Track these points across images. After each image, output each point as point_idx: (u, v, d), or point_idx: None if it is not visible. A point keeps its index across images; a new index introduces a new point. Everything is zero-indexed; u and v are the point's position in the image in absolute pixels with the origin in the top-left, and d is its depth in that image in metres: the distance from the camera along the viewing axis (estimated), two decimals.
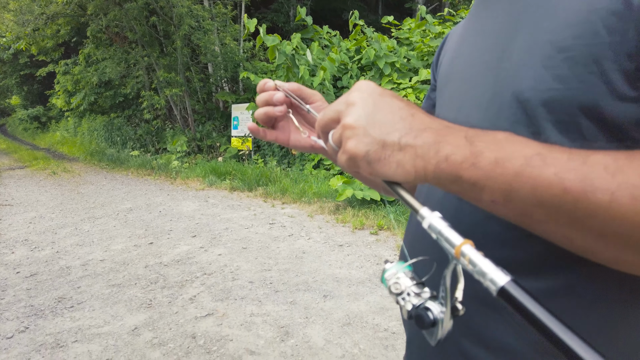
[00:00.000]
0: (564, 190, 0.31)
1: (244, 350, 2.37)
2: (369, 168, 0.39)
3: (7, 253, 4.03)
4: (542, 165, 0.33)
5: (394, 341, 2.44)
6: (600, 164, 0.31)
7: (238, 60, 10.52)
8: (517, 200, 0.34)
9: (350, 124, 0.39)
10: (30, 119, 22.13)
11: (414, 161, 0.37)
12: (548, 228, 0.34)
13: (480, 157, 0.34)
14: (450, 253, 0.33)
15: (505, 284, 0.29)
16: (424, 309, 0.36)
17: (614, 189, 0.30)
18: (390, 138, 0.37)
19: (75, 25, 12.40)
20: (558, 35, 0.40)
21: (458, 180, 0.35)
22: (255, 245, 4.20)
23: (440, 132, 0.37)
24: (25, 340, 2.46)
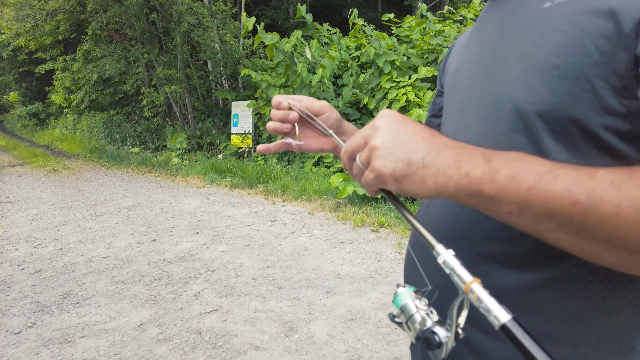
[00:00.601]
0: (574, 203, 0.35)
1: (249, 345, 2.41)
2: (396, 184, 0.43)
3: (11, 250, 4.06)
4: (554, 180, 0.36)
5: (396, 336, 2.49)
6: (606, 179, 0.35)
7: (238, 58, 10.53)
8: (531, 213, 0.37)
9: (377, 145, 0.43)
10: (29, 115, 22.06)
11: (435, 177, 0.41)
12: (559, 237, 0.38)
13: (497, 173, 0.38)
14: (460, 288, 0.38)
15: (506, 322, 0.34)
16: (431, 333, 0.41)
17: (619, 201, 0.34)
18: (414, 156, 0.42)
19: (75, 22, 12.37)
20: (553, 54, 0.44)
21: (477, 195, 0.39)
22: (257, 242, 4.24)
23: (459, 150, 0.41)
24: (33, 336, 2.50)
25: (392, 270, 3.48)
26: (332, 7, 15.21)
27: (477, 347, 0.53)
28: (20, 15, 10.21)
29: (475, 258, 0.52)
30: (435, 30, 7.40)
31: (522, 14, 0.50)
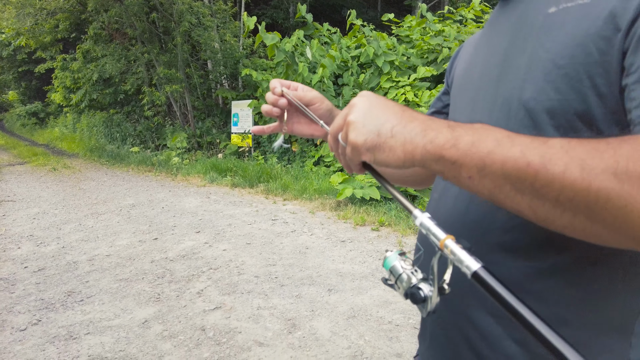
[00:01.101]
0: (527, 164, 0.38)
1: (253, 341, 2.44)
2: (369, 154, 0.47)
3: (14, 248, 4.08)
4: (511, 145, 0.39)
5: (397, 333, 2.52)
6: (558, 144, 0.38)
7: (238, 57, 10.54)
8: (490, 175, 0.40)
9: (351, 120, 0.48)
10: (28, 114, 22.03)
11: (403, 146, 0.44)
12: (515, 200, 0.40)
13: (459, 139, 0.41)
14: (436, 245, 0.41)
15: (477, 269, 0.37)
16: (417, 289, 0.45)
17: (566, 161, 0.36)
18: (384, 128, 0.46)
19: (74, 21, 12.36)
20: (558, 55, 0.48)
21: (441, 160, 0.42)
22: (258, 240, 4.27)
23: (426, 122, 0.45)
24: (39, 333, 2.52)
25: None
26: (332, 6, 15.23)
27: (485, 330, 0.56)
28: (21, 14, 10.21)
29: (485, 248, 0.55)
30: (435, 30, 7.43)
31: (530, 18, 0.54)
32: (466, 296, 0.58)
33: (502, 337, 0.54)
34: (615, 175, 0.34)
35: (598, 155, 0.35)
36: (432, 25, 7.50)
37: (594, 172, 0.35)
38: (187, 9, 9.60)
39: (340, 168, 7.15)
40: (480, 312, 0.56)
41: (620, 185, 0.33)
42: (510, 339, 0.53)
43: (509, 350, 0.53)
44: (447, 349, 0.62)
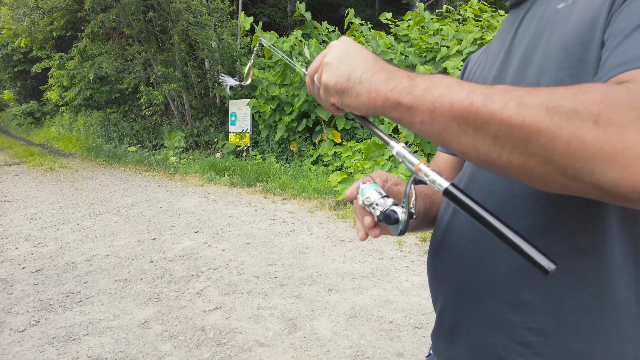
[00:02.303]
0: (470, 104, 0.39)
1: (254, 342, 2.43)
2: (338, 97, 0.50)
3: (11, 249, 4.05)
4: (459, 89, 0.41)
5: (399, 333, 2.51)
6: (500, 87, 0.40)
7: (235, 56, 10.51)
8: (439, 118, 0.42)
9: (326, 61, 0.52)
10: (24, 114, 21.90)
11: (368, 93, 0.47)
12: (460, 140, 0.42)
13: (415, 87, 0.44)
14: (411, 169, 0.46)
15: (447, 186, 0.42)
16: (392, 211, 0.51)
17: (506, 99, 0.38)
18: (354, 74, 0.49)
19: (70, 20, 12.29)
20: (568, 42, 0.49)
21: (398, 106, 0.45)
22: (258, 240, 4.25)
23: (392, 72, 0.47)
24: (38, 334, 2.50)
25: (394, 267, 3.51)
26: (330, 5, 15.21)
27: (501, 320, 0.56)
28: (17, 14, 10.13)
29: None
30: (434, 30, 7.43)
31: (542, 16, 0.56)
32: (483, 288, 0.58)
33: (518, 326, 0.54)
34: (547, 110, 0.36)
35: (534, 93, 0.37)
36: (430, 24, 7.49)
37: (529, 108, 0.37)
38: (184, 7, 9.56)
39: (339, 167, 7.14)
40: (498, 303, 0.56)
41: (549, 118, 0.35)
42: (527, 328, 0.54)
43: (525, 339, 0.54)
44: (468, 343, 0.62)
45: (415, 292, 3.04)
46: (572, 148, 0.34)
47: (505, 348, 0.56)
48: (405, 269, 3.47)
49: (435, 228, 0.73)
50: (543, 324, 0.52)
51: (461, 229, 0.63)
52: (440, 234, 0.68)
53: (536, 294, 0.52)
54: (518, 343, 0.54)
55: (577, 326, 0.51)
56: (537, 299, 0.52)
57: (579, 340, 0.51)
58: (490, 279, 0.57)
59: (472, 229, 0.60)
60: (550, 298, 0.52)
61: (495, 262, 0.56)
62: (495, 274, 0.56)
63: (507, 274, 0.55)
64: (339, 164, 7.13)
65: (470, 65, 0.79)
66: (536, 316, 0.53)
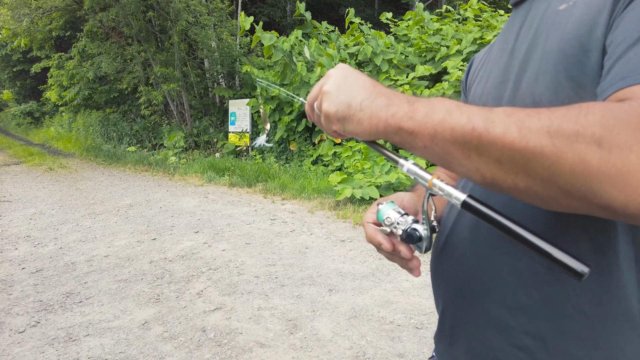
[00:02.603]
0: (472, 129, 0.40)
1: (254, 342, 2.43)
2: (340, 125, 0.51)
3: (11, 249, 4.04)
4: (459, 114, 0.41)
5: (399, 333, 2.51)
6: (501, 110, 0.40)
7: (235, 56, 10.50)
8: (441, 142, 0.42)
9: (325, 90, 0.52)
10: (23, 114, 21.87)
11: (370, 119, 0.47)
12: (463, 164, 0.42)
13: (416, 112, 0.44)
14: (425, 186, 0.45)
15: (465, 199, 0.42)
16: (413, 230, 0.51)
17: (507, 123, 0.38)
18: (354, 101, 0.49)
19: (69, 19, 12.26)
20: (567, 44, 0.49)
21: (400, 131, 0.45)
22: (258, 240, 4.25)
23: (391, 97, 0.47)
24: (38, 335, 2.50)
25: (394, 267, 3.51)
26: (329, 4, 15.20)
27: (500, 323, 0.56)
28: (17, 14, 10.11)
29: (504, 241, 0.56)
30: (434, 29, 7.42)
31: (542, 17, 0.56)
32: (483, 291, 0.58)
33: (517, 330, 0.54)
34: (549, 133, 0.36)
35: (535, 116, 0.38)
36: (430, 24, 7.49)
37: (531, 132, 0.37)
38: (184, 7, 9.54)
39: (339, 167, 7.14)
40: (497, 306, 0.56)
41: (552, 142, 0.35)
42: (525, 332, 0.53)
43: (524, 343, 0.54)
44: (466, 345, 0.62)
45: (415, 293, 3.04)
46: (577, 171, 0.35)
47: (504, 351, 0.56)
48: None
49: (439, 231, 0.73)
50: (542, 329, 0.52)
51: (463, 231, 0.63)
52: (444, 237, 0.68)
53: (536, 298, 0.52)
54: (517, 347, 0.54)
55: (577, 332, 0.50)
56: (537, 303, 0.52)
57: (579, 347, 0.50)
58: (490, 282, 0.57)
59: (474, 231, 0.60)
60: (550, 303, 0.51)
61: (495, 265, 0.56)
62: (495, 277, 0.56)
63: (507, 277, 0.55)
64: (339, 164, 7.13)
65: (475, 64, 0.79)
66: (535, 320, 0.52)
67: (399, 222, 0.52)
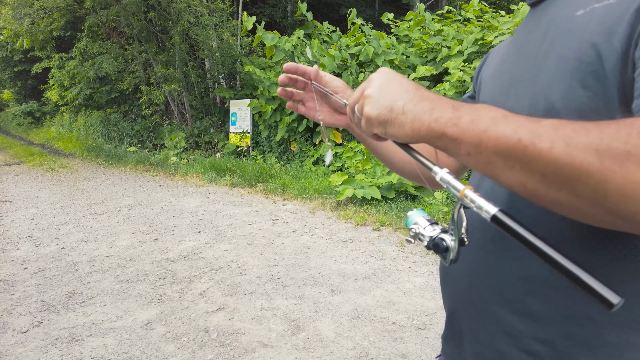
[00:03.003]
0: (517, 141, 0.39)
1: (257, 343, 2.43)
2: (381, 128, 0.51)
3: (13, 249, 4.04)
4: (505, 123, 0.41)
5: (402, 334, 2.51)
6: (548, 123, 0.39)
7: (236, 56, 10.50)
8: (485, 151, 0.42)
9: (367, 94, 0.52)
10: (24, 114, 21.87)
11: (412, 123, 0.47)
12: (507, 175, 0.42)
13: (460, 119, 0.44)
14: (456, 195, 0.44)
15: (495, 212, 0.40)
16: (440, 239, 0.49)
17: (554, 138, 0.38)
18: (396, 105, 0.49)
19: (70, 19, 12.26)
20: (585, 53, 0.48)
21: (443, 137, 0.45)
22: (259, 241, 4.25)
23: (435, 101, 0.47)
24: (41, 335, 2.50)
25: (396, 268, 3.51)
26: (330, 5, 15.20)
27: (509, 328, 0.56)
28: (18, 14, 10.11)
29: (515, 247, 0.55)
30: (434, 30, 7.43)
31: (559, 22, 0.55)
32: (492, 295, 0.58)
33: (527, 336, 0.54)
34: (597, 152, 0.35)
35: (584, 133, 0.37)
36: (431, 25, 7.50)
37: (578, 149, 0.36)
38: (185, 7, 9.54)
39: (340, 167, 7.14)
40: (506, 311, 0.56)
41: (600, 161, 0.35)
42: (535, 338, 0.53)
43: (533, 348, 0.54)
44: (474, 348, 0.62)
45: (417, 293, 3.04)
46: (626, 191, 0.34)
47: (512, 356, 0.56)
48: (407, 270, 3.47)
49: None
50: (552, 335, 0.52)
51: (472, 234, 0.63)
52: None
53: (545, 304, 0.52)
54: (526, 352, 0.54)
55: (587, 340, 0.50)
56: (547, 309, 0.52)
57: (589, 355, 0.50)
58: (499, 287, 0.57)
59: (484, 235, 0.60)
60: (560, 310, 0.51)
61: (505, 270, 0.56)
62: (505, 282, 0.56)
63: (516, 282, 0.55)
64: (340, 165, 7.14)
65: (489, 61, 0.78)
66: (545, 327, 0.53)
67: (426, 230, 0.51)
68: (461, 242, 0.48)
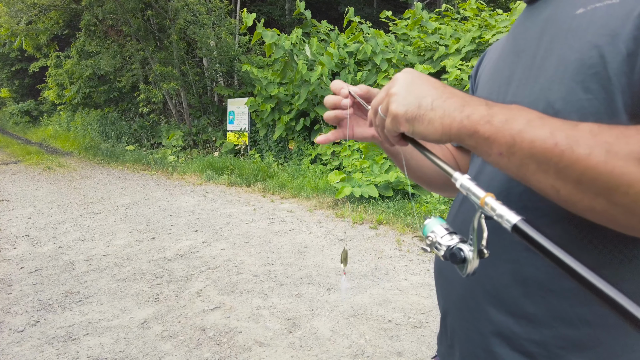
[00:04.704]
0: (554, 145, 0.39)
1: (254, 341, 2.43)
2: (408, 125, 0.49)
3: (9, 248, 4.04)
4: (541, 125, 0.40)
5: (398, 332, 2.52)
6: (586, 128, 0.39)
7: (234, 55, 10.49)
8: (518, 153, 0.41)
9: (393, 92, 0.51)
10: (21, 113, 21.82)
11: (442, 119, 0.46)
12: (540, 179, 0.41)
13: (494, 117, 0.43)
14: (476, 203, 0.42)
15: (517, 222, 0.37)
16: (458, 249, 0.46)
17: (592, 145, 0.37)
18: (424, 101, 0.48)
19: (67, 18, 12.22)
20: (586, 55, 0.47)
21: (475, 135, 0.44)
22: (257, 239, 4.25)
23: (465, 98, 0.46)
24: (37, 334, 2.50)
25: (392, 267, 3.52)
26: (328, 3, 15.17)
27: (503, 329, 0.56)
28: (13, 10, 10.07)
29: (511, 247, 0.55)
30: (432, 29, 7.43)
31: (558, 20, 0.54)
32: (486, 296, 0.58)
33: (521, 337, 0.54)
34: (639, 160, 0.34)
35: (624, 141, 0.36)
36: (428, 24, 7.49)
37: (618, 157, 0.35)
38: (182, 6, 9.53)
39: (338, 166, 7.15)
40: (500, 312, 0.56)
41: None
42: (529, 340, 0.54)
43: (528, 349, 0.54)
44: (467, 349, 0.62)
45: (414, 292, 3.05)
46: None
47: (506, 358, 0.56)
48: (404, 268, 3.48)
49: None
50: (546, 337, 0.52)
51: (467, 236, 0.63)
52: None
53: (540, 306, 0.52)
54: (519, 352, 0.54)
55: (582, 341, 0.50)
56: (541, 311, 0.52)
57: (584, 356, 0.50)
58: (494, 288, 0.57)
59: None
60: (554, 312, 0.51)
61: (499, 272, 0.56)
62: (499, 284, 0.56)
63: (511, 284, 0.55)
64: (338, 163, 7.14)
65: (486, 59, 0.76)
66: (540, 328, 0.53)
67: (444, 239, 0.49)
68: (480, 253, 0.45)
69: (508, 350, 0.55)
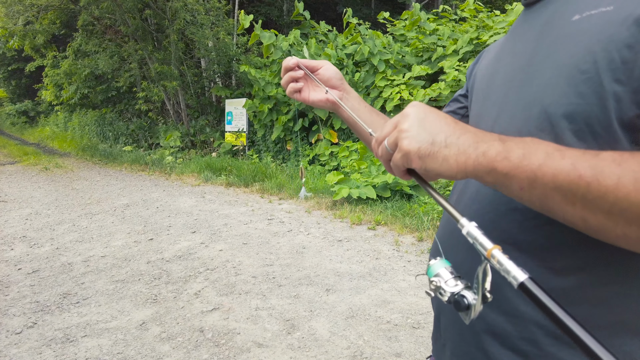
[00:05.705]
0: (578, 177, 0.39)
1: (252, 343, 2.43)
2: (421, 162, 0.48)
3: (7, 250, 4.03)
4: (561, 158, 0.40)
5: (396, 333, 2.53)
6: (609, 157, 0.39)
7: (232, 55, 10.48)
8: (540, 187, 0.41)
9: (405, 128, 0.50)
10: (18, 113, 21.74)
11: (456, 157, 0.46)
12: (566, 210, 0.41)
13: (511, 152, 0.43)
14: (483, 254, 0.42)
15: (524, 280, 0.38)
16: (461, 296, 0.46)
17: (619, 174, 0.37)
18: (438, 138, 0.47)
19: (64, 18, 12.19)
20: (581, 60, 0.48)
21: (493, 172, 0.44)
22: (255, 240, 4.25)
23: (478, 134, 0.47)
24: (35, 336, 2.49)
25: (391, 267, 3.52)
26: (326, 3, 15.18)
27: (495, 328, 0.57)
28: (11, 11, 10.04)
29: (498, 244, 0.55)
30: (430, 30, 7.44)
31: (554, 26, 0.54)
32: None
33: (513, 336, 0.55)
34: None
35: None
36: (426, 25, 7.51)
37: None
38: (181, 6, 9.51)
39: (335, 167, 7.15)
40: (492, 311, 0.57)
41: None
42: (521, 338, 0.54)
43: (520, 348, 0.54)
44: (460, 348, 0.63)
45: (412, 292, 3.06)
46: None
47: (499, 355, 0.56)
48: (402, 269, 3.48)
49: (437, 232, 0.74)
50: (538, 335, 0.53)
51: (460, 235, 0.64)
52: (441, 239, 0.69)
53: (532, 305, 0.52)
54: (513, 351, 0.55)
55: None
56: (533, 310, 0.53)
57: (575, 353, 0.51)
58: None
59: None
60: None
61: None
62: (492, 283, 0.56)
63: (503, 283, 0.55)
64: (336, 164, 7.14)
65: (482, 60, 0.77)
66: (531, 327, 0.53)
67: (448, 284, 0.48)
68: (484, 298, 0.45)
69: (500, 348, 0.56)
